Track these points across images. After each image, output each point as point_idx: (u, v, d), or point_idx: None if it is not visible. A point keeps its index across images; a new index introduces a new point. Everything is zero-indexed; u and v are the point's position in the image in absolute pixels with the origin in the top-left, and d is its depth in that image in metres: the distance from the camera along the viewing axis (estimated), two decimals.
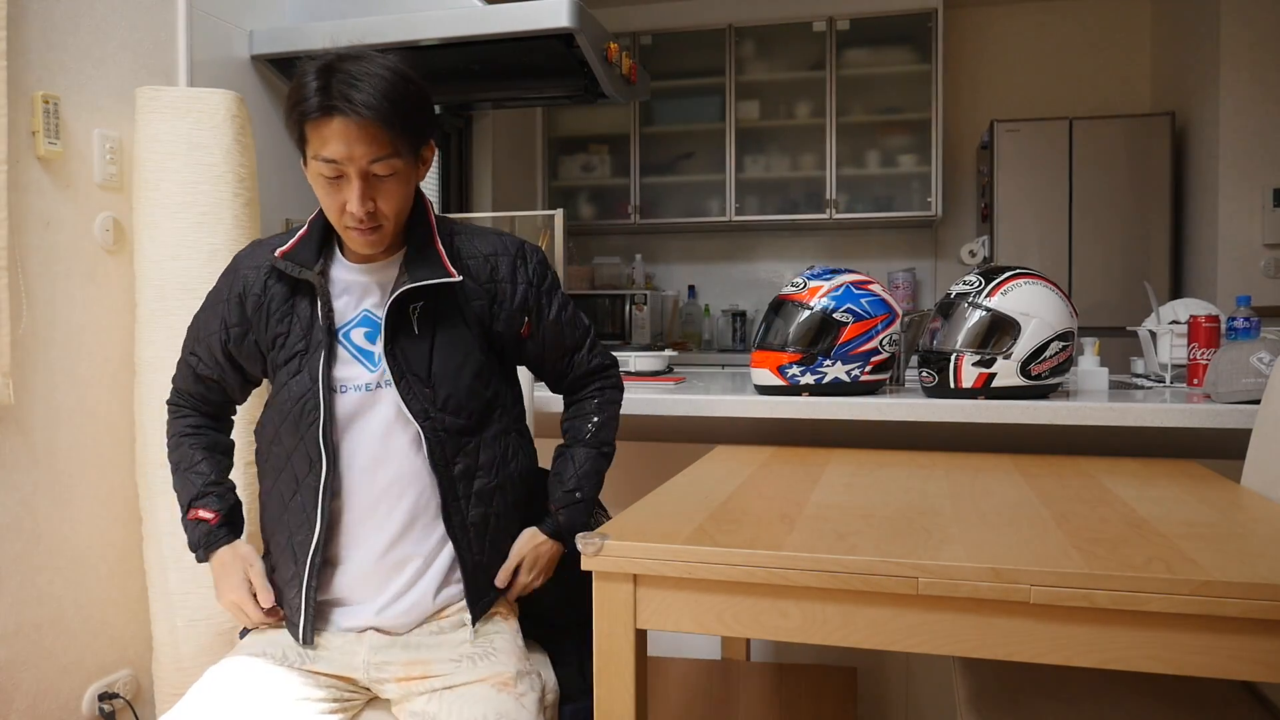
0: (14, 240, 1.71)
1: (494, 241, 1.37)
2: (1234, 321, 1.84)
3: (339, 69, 1.18)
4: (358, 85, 1.17)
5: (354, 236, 1.25)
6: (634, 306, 4.22)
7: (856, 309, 1.83)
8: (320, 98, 1.17)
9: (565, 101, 2.72)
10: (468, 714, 1.16)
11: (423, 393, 1.27)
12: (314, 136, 1.19)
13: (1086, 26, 4.41)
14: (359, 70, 1.18)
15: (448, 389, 1.28)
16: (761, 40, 4.38)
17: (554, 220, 2.45)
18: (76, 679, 1.85)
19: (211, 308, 1.35)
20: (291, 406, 1.27)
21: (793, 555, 1.00)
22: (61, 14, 1.83)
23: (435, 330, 1.29)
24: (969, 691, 1.30)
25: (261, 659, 1.23)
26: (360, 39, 2.32)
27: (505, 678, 1.22)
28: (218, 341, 1.33)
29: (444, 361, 1.29)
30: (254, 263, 1.33)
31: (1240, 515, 1.19)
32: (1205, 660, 0.92)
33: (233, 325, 1.32)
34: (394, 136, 1.20)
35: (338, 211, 1.23)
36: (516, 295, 1.35)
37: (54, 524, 1.81)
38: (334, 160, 1.19)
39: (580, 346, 1.46)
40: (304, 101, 1.18)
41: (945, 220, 4.52)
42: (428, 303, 1.29)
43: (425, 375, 1.28)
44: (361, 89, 1.17)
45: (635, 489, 2.08)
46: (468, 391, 1.30)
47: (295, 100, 1.19)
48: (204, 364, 1.36)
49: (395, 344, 1.27)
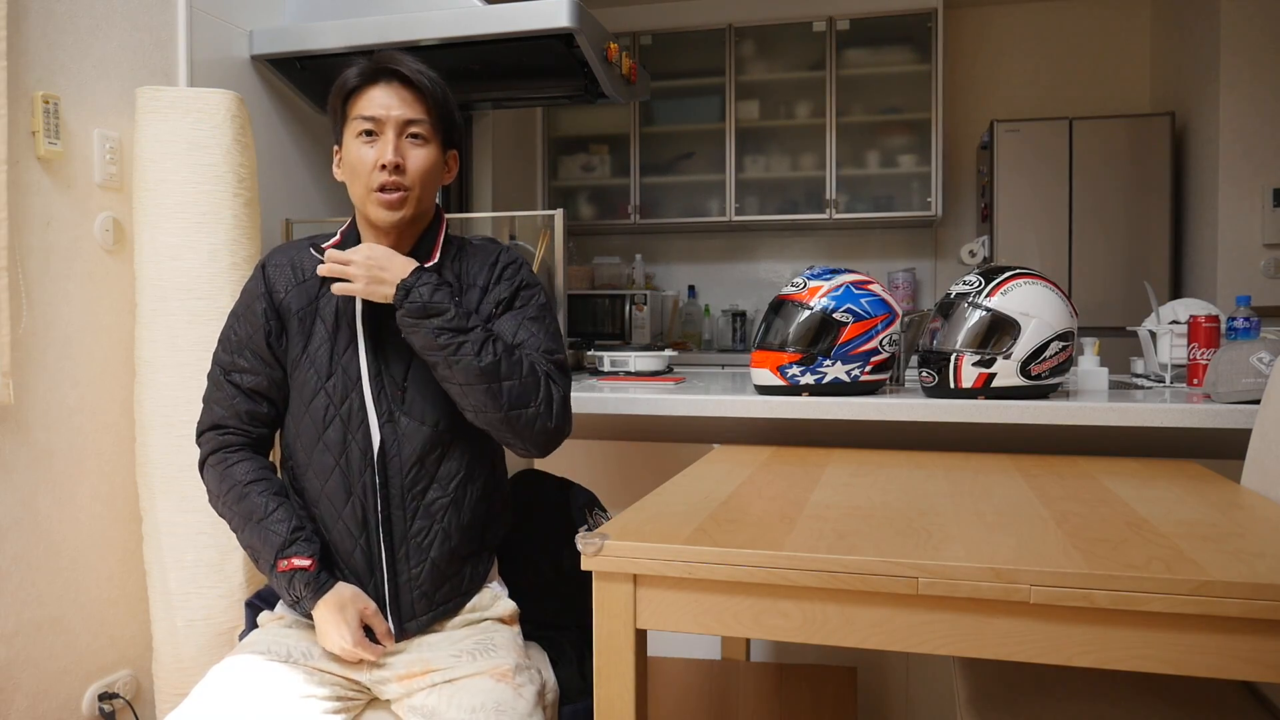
0: (14, 240, 1.71)
1: (488, 254, 1.42)
2: (1234, 321, 1.84)
3: (386, 53, 1.34)
4: (405, 61, 1.32)
5: (378, 200, 1.29)
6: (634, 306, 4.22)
7: (856, 309, 1.82)
8: (369, 67, 1.31)
9: (565, 101, 2.71)
10: (467, 704, 1.17)
11: (394, 394, 1.30)
12: (358, 103, 1.31)
13: (1086, 26, 4.41)
14: (407, 57, 1.33)
15: (417, 394, 1.31)
16: (761, 40, 4.38)
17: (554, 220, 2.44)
18: (76, 679, 1.85)
19: (243, 314, 1.36)
20: (333, 411, 1.31)
21: (793, 555, 1.00)
22: (61, 14, 1.83)
23: None
24: (969, 691, 1.30)
25: (267, 657, 1.24)
26: (360, 39, 2.33)
27: (504, 670, 1.23)
28: (262, 338, 1.33)
29: (422, 367, 1.31)
30: (275, 261, 1.38)
31: (1240, 515, 1.19)
32: (1205, 660, 0.92)
33: (272, 319, 1.34)
34: (430, 109, 1.32)
35: (368, 171, 1.29)
36: (492, 292, 1.40)
37: (54, 524, 1.81)
38: (374, 117, 1.29)
39: (535, 347, 1.34)
40: (353, 76, 1.32)
41: (945, 220, 4.52)
42: None
43: (400, 376, 1.31)
44: (409, 63, 1.32)
45: (635, 489, 2.08)
46: (438, 398, 1.31)
47: (342, 81, 1.32)
48: (251, 374, 1.33)
49: (379, 342, 1.31)
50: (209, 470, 1.33)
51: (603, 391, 1.93)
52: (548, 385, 1.30)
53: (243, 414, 1.33)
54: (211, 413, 1.35)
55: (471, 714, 1.15)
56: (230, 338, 1.35)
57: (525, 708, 1.19)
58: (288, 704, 1.18)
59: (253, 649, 1.26)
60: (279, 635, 1.29)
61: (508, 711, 1.16)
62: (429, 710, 1.19)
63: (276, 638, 1.28)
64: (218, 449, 1.33)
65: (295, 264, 1.37)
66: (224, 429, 1.34)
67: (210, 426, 1.35)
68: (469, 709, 1.16)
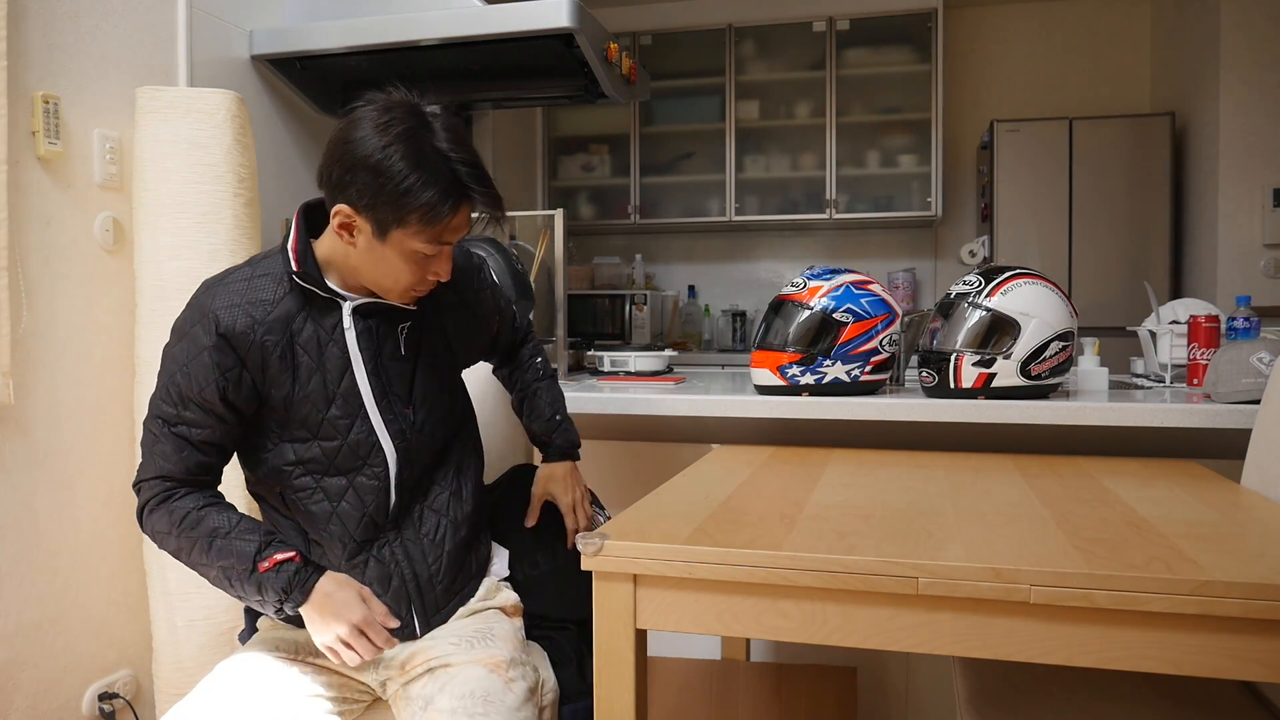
0: (14, 240, 1.71)
1: (459, 258, 1.37)
2: (1234, 321, 1.84)
3: (451, 146, 1.15)
4: (479, 169, 1.18)
5: (409, 297, 1.26)
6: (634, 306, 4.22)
7: (856, 309, 1.82)
8: (455, 191, 1.16)
9: (565, 101, 2.72)
10: (456, 692, 1.18)
11: (402, 414, 1.28)
12: (434, 228, 1.16)
13: (1086, 26, 4.40)
14: (466, 140, 1.17)
15: (425, 412, 1.31)
16: (761, 40, 4.38)
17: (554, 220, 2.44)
18: (76, 679, 1.85)
19: (188, 365, 1.18)
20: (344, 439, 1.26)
21: (793, 555, 1.00)
22: (61, 14, 1.83)
23: (420, 352, 1.32)
24: (969, 691, 1.30)
25: (275, 654, 1.24)
26: (360, 39, 2.33)
27: (498, 661, 1.23)
28: (214, 392, 1.18)
29: (425, 382, 1.31)
30: (227, 303, 1.20)
31: (1240, 515, 1.19)
32: (1205, 660, 0.92)
33: (231, 369, 1.19)
34: None
35: (416, 279, 1.21)
36: (485, 301, 1.44)
37: (54, 524, 1.81)
38: (448, 241, 1.21)
39: (515, 317, 1.55)
40: (434, 192, 1.13)
41: (945, 220, 4.52)
42: (414, 324, 1.32)
43: (406, 396, 1.29)
44: (483, 172, 1.18)
45: (635, 489, 2.08)
46: (445, 414, 1.33)
47: (418, 184, 1.13)
48: (199, 428, 1.19)
49: (378, 363, 1.28)
50: (152, 514, 1.20)
51: (603, 391, 1.93)
52: (532, 334, 1.60)
53: (192, 466, 1.20)
54: (154, 464, 1.20)
55: (460, 701, 1.16)
56: (171, 390, 1.19)
57: (514, 701, 1.18)
58: (293, 702, 1.18)
59: (261, 645, 1.26)
60: (287, 632, 1.29)
61: (495, 703, 1.16)
62: (424, 699, 1.20)
63: (285, 634, 1.28)
64: (160, 496, 1.20)
65: (249, 299, 1.20)
66: (169, 480, 1.20)
67: (154, 475, 1.20)
68: (458, 696, 1.17)
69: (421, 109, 1.18)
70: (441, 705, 1.16)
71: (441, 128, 1.17)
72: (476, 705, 1.15)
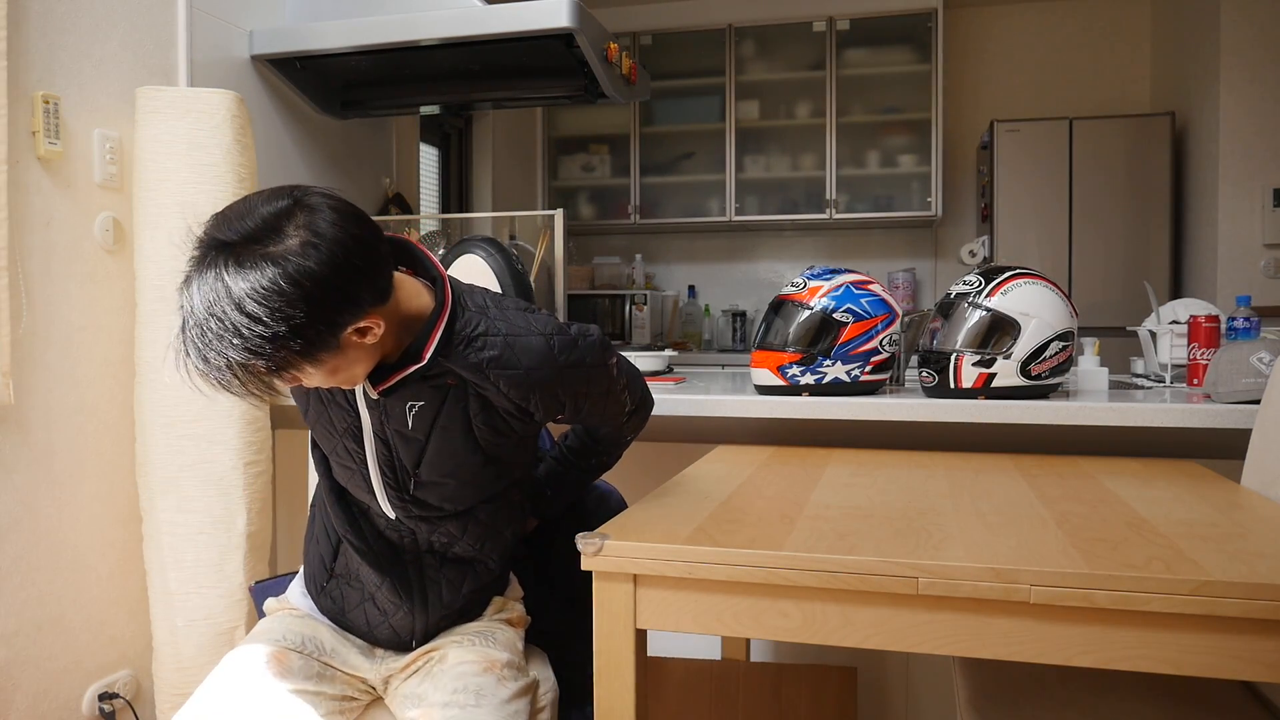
0: (14, 240, 1.71)
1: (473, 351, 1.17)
2: (1234, 321, 1.84)
3: None
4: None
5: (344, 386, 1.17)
6: (634, 306, 4.22)
7: (856, 309, 1.82)
8: None
9: (565, 101, 2.72)
10: (448, 686, 1.19)
11: (404, 480, 1.21)
12: None
13: (1086, 26, 4.41)
14: None
15: (432, 485, 1.21)
16: (761, 40, 4.38)
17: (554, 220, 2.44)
18: (76, 679, 1.85)
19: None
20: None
21: (793, 555, 1.00)
22: (61, 14, 1.83)
23: (431, 432, 1.19)
24: (969, 691, 1.30)
25: (281, 645, 1.25)
26: (360, 39, 2.33)
27: (494, 660, 1.23)
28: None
29: (433, 466, 1.20)
30: None
31: (1240, 515, 1.19)
32: (1205, 660, 0.92)
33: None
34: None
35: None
36: (509, 398, 1.18)
37: (54, 524, 1.81)
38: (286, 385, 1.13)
39: (619, 417, 1.32)
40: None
41: (945, 220, 4.52)
42: (427, 404, 1.17)
43: (411, 466, 1.20)
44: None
45: (635, 489, 2.08)
46: (455, 490, 1.22)
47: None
48: None
49: (387, 431, 1.19)
50: None
51: None
52: (634, 426, 1.38)
53: None
54: None
55: (452, 694, 1.17)
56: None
57: (505, 695, 1.19)
58: (295, 702, 1.19)
59: (267, 637, 1.26)
60: (294, 624, 1.29)
61: (487, 697, 1.17)
62: (418, 695, 1.21)
63: (291, 626, 1.29)
64: None
65: None
66: None
67: None
68: (449, 690, 1.18)
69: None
70: (434, 699, 1.18)
71: None
72: (469, 699, 1.16)
